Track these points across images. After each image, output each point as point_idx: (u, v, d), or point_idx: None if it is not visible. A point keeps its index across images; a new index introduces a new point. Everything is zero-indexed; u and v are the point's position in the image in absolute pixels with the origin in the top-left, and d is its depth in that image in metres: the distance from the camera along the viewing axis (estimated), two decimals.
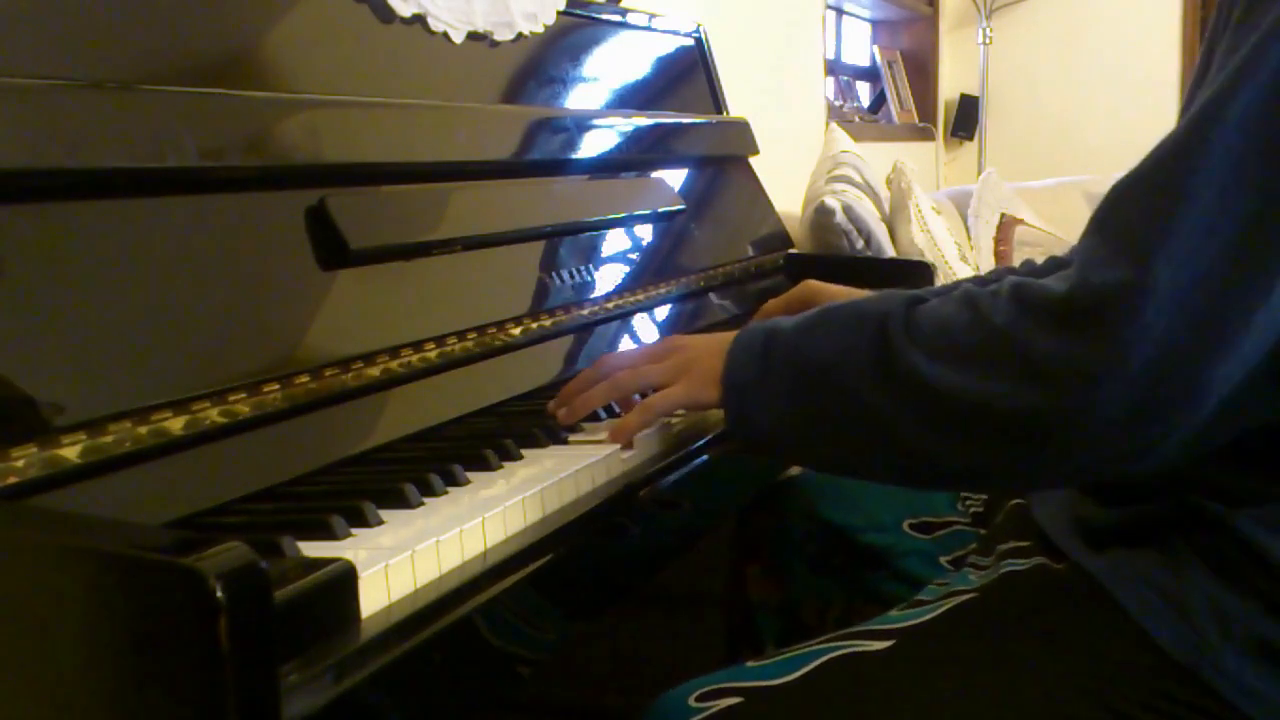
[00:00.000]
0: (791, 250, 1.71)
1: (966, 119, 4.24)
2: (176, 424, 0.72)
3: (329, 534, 0.68)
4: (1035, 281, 0.74)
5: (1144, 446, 0.71)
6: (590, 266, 1.20)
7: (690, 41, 1.66)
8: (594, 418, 0.95)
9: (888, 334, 0.77)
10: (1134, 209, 0.71)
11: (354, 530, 0.69)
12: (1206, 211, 0.68)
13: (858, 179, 2.43)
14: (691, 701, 0.83)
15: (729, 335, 0.86)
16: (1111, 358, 0.68)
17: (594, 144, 1.30)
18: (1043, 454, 0.73)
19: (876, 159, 2.66)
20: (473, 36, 1.17)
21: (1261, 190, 0.68)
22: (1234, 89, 0.68)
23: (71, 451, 0.66)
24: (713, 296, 1.44)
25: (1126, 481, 0.81)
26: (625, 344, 1.22)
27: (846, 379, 0.78)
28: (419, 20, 1.10)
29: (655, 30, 1.59)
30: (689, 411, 0.95)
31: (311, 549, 0.65)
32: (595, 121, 1.34)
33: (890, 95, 3.95)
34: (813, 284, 1.18)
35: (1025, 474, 0.77)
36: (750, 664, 0.85)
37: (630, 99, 1.46)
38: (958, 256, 2.59)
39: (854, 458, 0.81)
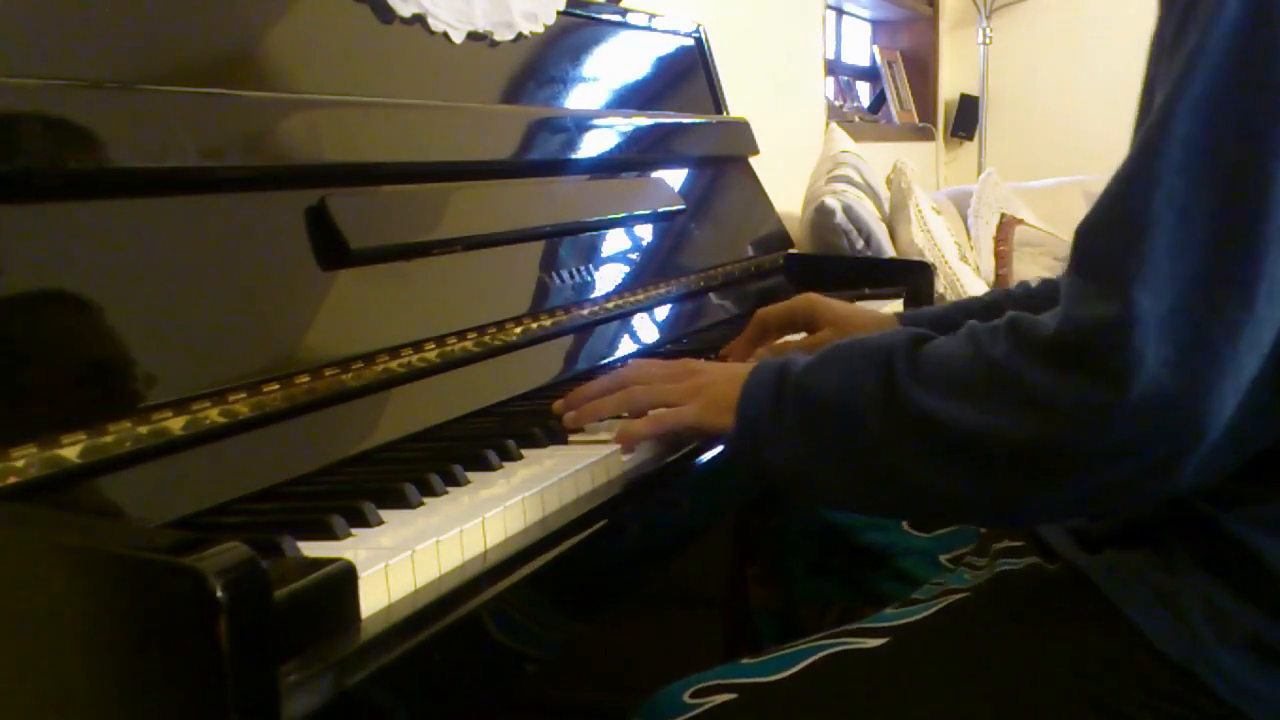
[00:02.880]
0: (791, 250, 1.71)
1: (966, 119, 4.24)
2: (176, 424, 0.72)
3: (329, 534, 0.68)
4: (1029, 316, 0.74)
5: (1154, 473, 0.70)
6: (590, 266, 1.20)
7: (690, 41, 1.66)
8: None
9: (892, 370, 0.77)
10: (1104, 243, 0.71)
11: (354, 530, 0.69)
12: (1172, 233, 0.68)
13: (858, 179, 2.43)
14: (686, 698, 0.83)
15: (745, 366, 0.87)
16: (1109, 393, 0.68)
17: (594, 144, 1.30)
18: (1045, 487, 0.73)
19: (876, 159, 2.67)
20: (473, 36, 1.17)
21: (1219, 203, 0.68)
22: (1172, 110, 0.69)
23: (71, 451, 0.66)
24: (713, 296, 1.44)
25: (1138, 512, 0.81)
26: (626, 344, 1.22)
27: (853, 415, 0.78)
28: (419, 20, 1.10)
29: (655, 30, 1.59)
30: (695, 434, 0.94)
31: (311, 549, 0.65)
32: (595, 121, 1.34)
33: (890, 95, 3.95)
34: (813, 297, 1.18)
35: (1031, 508, 0.77)
36: (745, 661, 0.86)
37: (630, 99, 1.46)
38: (958, 256, 2.59)
39: (860, 494, 0.82)
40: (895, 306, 1.59)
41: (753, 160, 1.71)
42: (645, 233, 1.36)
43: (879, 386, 0.77)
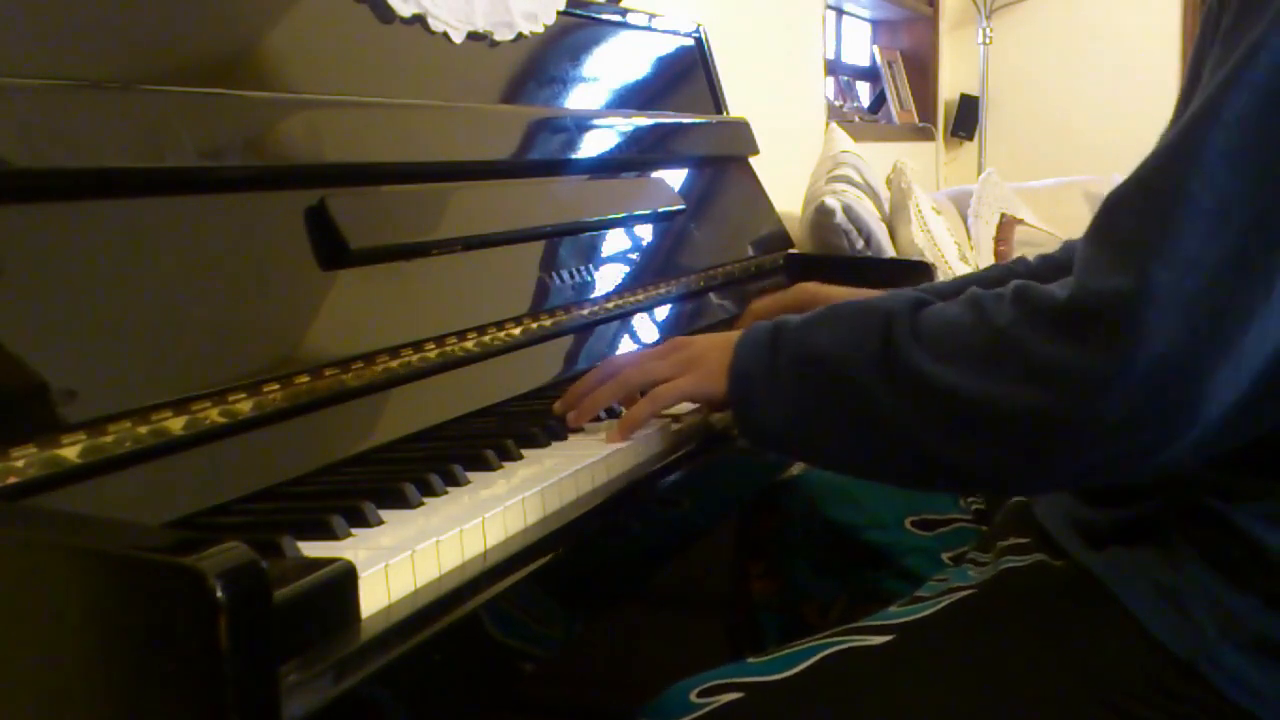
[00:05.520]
0: (791, 250, 1.71)
1: (966, 119, 4.24)
2: (176, 424, 0.72)
3: (329, 534, 0.68)
4: (1038, 285, 0.74)
5: (1148, 450, 0.70)
6: (590, 266, 1.20)
7: (690, 41, 1.66)
8: (595, 418, 0.95)
9: (893, 332, 0.77)
10: (1132, 215, 0.71)
11: (354, 530, 0.69)
12: (1206, 215, 0.68)
13: (858, 179, 2.43)
14: (693, 697, 0.83)
15: (735, 333, 0.87)
16: (1115, 365, 0.68)
17: (594, 144, 1.30)
18: (1044, 456, 0.73)
19: (876, 159, 2.66)
20: (473, 36, 1.17)
21: (1261, 191, 0.68)
22: (1227, 92, 0.69)
23: (71, 451, 0.66)
24: (713, 296, 1.44)
25: (1130, 484, 0.81)
26: (625, 344, 1.22)
27: (851, 376, 0.78)
28: (419, 20, 1.10)
29: (655, 30, 1.59)
30: (695, 405, 0.95)
31: (311, 549, 0.65)
32: (595, 121, 1.33)
33: (890, 95, 3.95)
34: (809, 286, 1.18)
35: (1027, 476, 0.77)
36: (751, 660, 0.86)
37: (630, 99, 1.46)
38: (958, 256, 2.59)
39: (856, 455, 0.81)
40: None
41: (753, 160, 1.71)
42: (645, 233, 1.36)
43: (878, 347, 0.77)
